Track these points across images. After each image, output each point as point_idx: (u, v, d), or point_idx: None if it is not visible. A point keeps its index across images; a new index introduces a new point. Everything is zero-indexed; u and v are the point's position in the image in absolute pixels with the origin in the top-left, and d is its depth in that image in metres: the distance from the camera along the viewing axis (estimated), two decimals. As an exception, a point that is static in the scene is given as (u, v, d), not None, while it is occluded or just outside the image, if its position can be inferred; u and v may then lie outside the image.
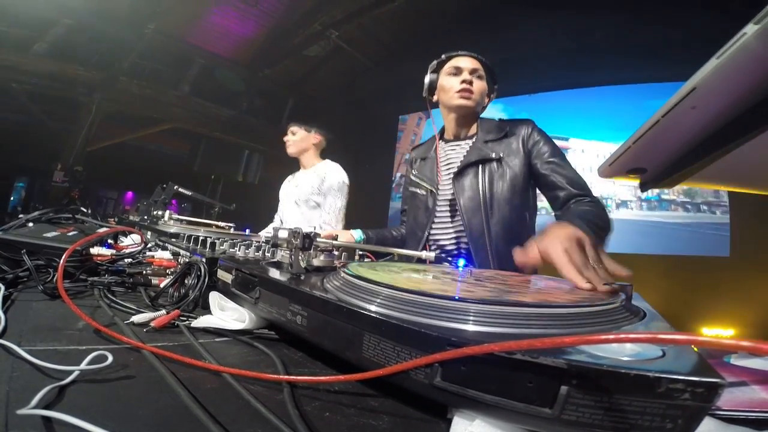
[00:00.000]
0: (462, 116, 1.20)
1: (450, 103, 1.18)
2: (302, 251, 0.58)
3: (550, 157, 1.09)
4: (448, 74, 1.19)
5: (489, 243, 1.07)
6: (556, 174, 1.06)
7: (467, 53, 1.20)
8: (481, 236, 1.08)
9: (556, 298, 0.40)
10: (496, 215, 1.08)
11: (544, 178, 1.08)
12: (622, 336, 0.24)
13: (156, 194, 1.74)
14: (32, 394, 0.27)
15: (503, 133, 1.14)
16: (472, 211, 1.10)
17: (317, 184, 1.88)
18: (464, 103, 1.15)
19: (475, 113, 1.21)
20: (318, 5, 4.83)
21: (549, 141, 1.12)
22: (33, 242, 0.77)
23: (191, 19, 4.85)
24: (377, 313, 0.36)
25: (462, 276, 0.58)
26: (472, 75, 1.16)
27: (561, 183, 1.05)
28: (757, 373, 0.47)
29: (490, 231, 1.07)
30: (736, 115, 0.38)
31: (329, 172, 1.90)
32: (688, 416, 0.23)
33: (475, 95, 1.15)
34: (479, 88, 1.17)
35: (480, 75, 1.18)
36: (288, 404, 0.32)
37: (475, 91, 1.15)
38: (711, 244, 3.85)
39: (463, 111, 1.18)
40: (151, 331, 0.49)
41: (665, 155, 0.44)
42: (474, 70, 1.17)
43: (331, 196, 1.85)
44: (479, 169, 1.12)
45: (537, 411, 0.26)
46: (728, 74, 0.32)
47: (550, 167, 1.07)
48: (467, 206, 1.11)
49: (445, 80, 1.19)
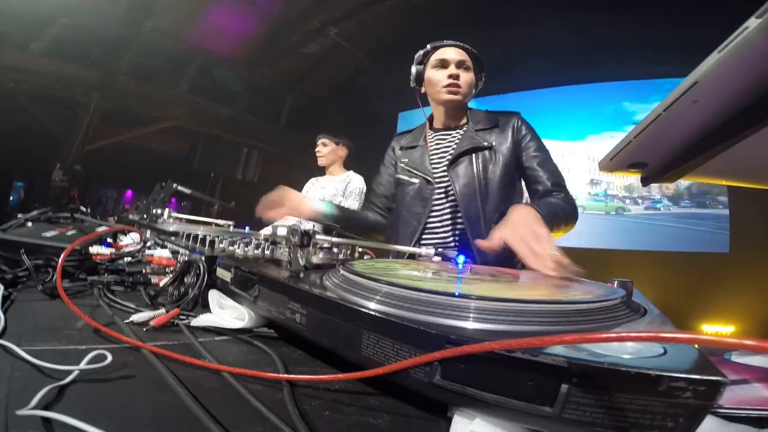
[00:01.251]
0: (452, 108, 1.20)
1: (437, 97, 1.18)
2: (301, 249, 0.57)
3: (535, 151, 1.12)
4: (434, 67, 1.17)
5: (485, 228, 1.09)
6: (539, 168, 1.10)
7: (452, 43, 1.17)
8: (477, 222, 1.10)
9: (556, 295, 0.40)
10: (491, 201, 1.11)
11: (527, 171, 1.12)
12: (624, 334, 0.24)
13: (155, 193, 1.73)
14: (32, 394, 0.27)
15: (493, 123, 1.17)
16: (468, 197, 1.12)
17: (342, 188, 2.19)
18: (452, 98, 1.15)
19: (464, 105, 1.21)
20: (316, 2, 4.80)
21: (535, 135, 1.15)
22: (32, 242, 0.77)
23: (189, 17, 4.82)
24: (376, 310, 0.36)
25: (462, 272, 0.58)
26: (459, 68, 1.15)
27: (541, 178, 1.09)
28: (759, 371, 0.47)
29: (486, 217, 1.10)
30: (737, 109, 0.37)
31: (353, 180, 2.23)
32: (689, 414, 0.22)
33: (462, 89, 1.15)
34: (467, 80, 1.16)
35: (467, 66, 1.16)
36: (288, 403, 0.32)
37: (463, 84, 1.15)
38: (711, 240, 3.85)
39: (451, 104, 1.19)
40: (150, 330, 0.49)
41: (666, 149, 0.44)
42: (461, 62, 1.15)
43: (351, 198, 2.17)
44: (473, 157, 1.14)
45: (537, 409, 0.25)
46: (730, 68, 0.32)
47: (535, 161, 1.11)
48: (463, 193, 1.12)
49: (431, 73, 1.18)
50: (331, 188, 2.19)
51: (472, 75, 1.17)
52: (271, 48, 5.40)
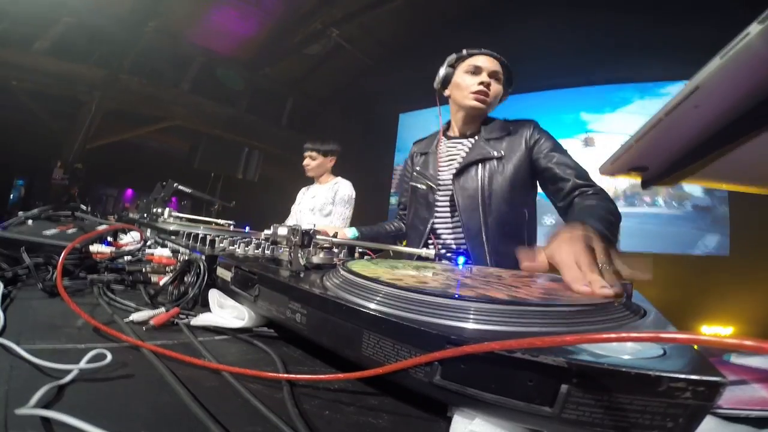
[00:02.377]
0: (471, 116, 1.19)
1: (463, 102, 1.16)
2: (301, 248, 0.57)
3: (552, 151, 1.08)
4: (466, 72, 1.16)
5: (486, 241, 1.08)
6: (559, 166, 1.05)
7: (490, 53, 1.16)
8: (477, 235, 1.09)
9: (556, 296, 0.40)
10: (493, 213, 1.09)
11: (547, 172, 1.07)
12: (624, 335, 0.24)
13: (156, 192, 1.73)
14: (31, 393, 0.27)
15: (506, 132, 1.15)
16: (470, 210, 1.11)
17: (331, 196, 2.24)
18: (478, 105, 1.14)
19: (484, 114, 1.20)
20: (319, 4, 4.81)
21: (550, 137, 1.13)
22: (32, 240, 0.77)
23: (192, 17, 4.83)
24: (377, 310, 0.36)
25: (462, 273, 0.58)
26: (491, 77, 1.14)
27: (564, 174, 1.04)
28: (757, 372, 0.47)
29: (487, 229, 1.09)
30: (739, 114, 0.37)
31: (341, 187, 2.27)
32: (689, 415, 0.23)
33: (490, 98, 1.14)
34: (496, 91, 1.15)
35: (498, 78, 1.15)
36: (287, 402, 0.32)
37: (492, 94, 1.14)
38: (711, 242, 3.85)
39: (475, 112, 1.17)
40: (150, 329, 0.49)
41: (667, 153, 0.44)
42: (494, 72, 1.14)
43: (341, 206, 2.23)
44: (479, 168, 1.12)
45: (537, 410, 0.26)
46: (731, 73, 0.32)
47: (552, 160, 1.07)
48: (465, 205, 1.12)
49: (461, 78, 1.16)
50: (321, 197, 2.26)
51: (501, 87, 1.16)
52: (273, 49, 5.41)
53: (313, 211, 2.27)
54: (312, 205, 2.28)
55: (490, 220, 1.09)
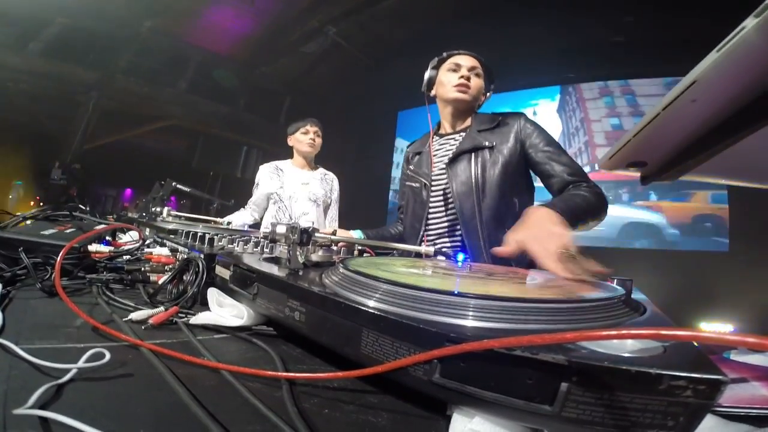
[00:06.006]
0: (457, 110, 1.25)
1: (447, 96, 1.22)
2: (300, 246, 0.57)
3: (545, 146, 1.12)
4: (448, 70, 1.23)
5: (480, 227, 1.11)
6: (551, 162, 1.10)
7: (467, 52, 1.25)
8: (472, 219, 1.12)
9: (555, 293, 0.40)
10: (487, 200, 1.12)
11: (540, 167, 1.12)
12: (624, 332, 0.24)
13: (154, 191, 1.73)
14: (30, 392, 0.27)
15: (495, 123, 1.19)
16: (464, 195, 1.14)
17: (327, 189, 2.15)
18: (460, 96, 1.20)
19: (470, 108, 1.25)
20: (315, 2, 4.79)
21: (542, 131, 1.16)
22: (31, 240, 0.76)
23: (188, 16, 4.81)
24: (375, 308, 0.36)
25: (461, 270, 0.58)
26: (470, 72, 1.21)
27: (555, 171, 1.09)
28: (758, 370, 0.47)
29: (481, 215, 1.11)
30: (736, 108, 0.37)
31: (336, 183, 2.19)
32: (689, 413, 0.22)
33: (471, 90, 1.21)
34: (476, 84, 1.22)
35: (478, 73, 1.23)
36: (287, 401, 0.32)
37: (472, 86, 1.21)
38: (710, 239, 3.86)
39: (459, 104, 1.23)
40: (149, 328, 0.49)
41: (666, 148, 0.44)
42: (473, 68, 1.22)
43: (335, 204, 2.17)
44: (472, 156, 1.16)
45: (537, 408, 0.25)
46: (728, 67, 0.32)
47: (545, 156, 1.11)
48: (459, 191, 1.15)
49: (444, 75, 1.24)
50: (316, 187, 2.10)
51: (481, 82, 1.24)
52: (270, 47, 5.40)
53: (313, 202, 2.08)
54: (307, 194, 2.08)
55: (484, 206, 1.11)
